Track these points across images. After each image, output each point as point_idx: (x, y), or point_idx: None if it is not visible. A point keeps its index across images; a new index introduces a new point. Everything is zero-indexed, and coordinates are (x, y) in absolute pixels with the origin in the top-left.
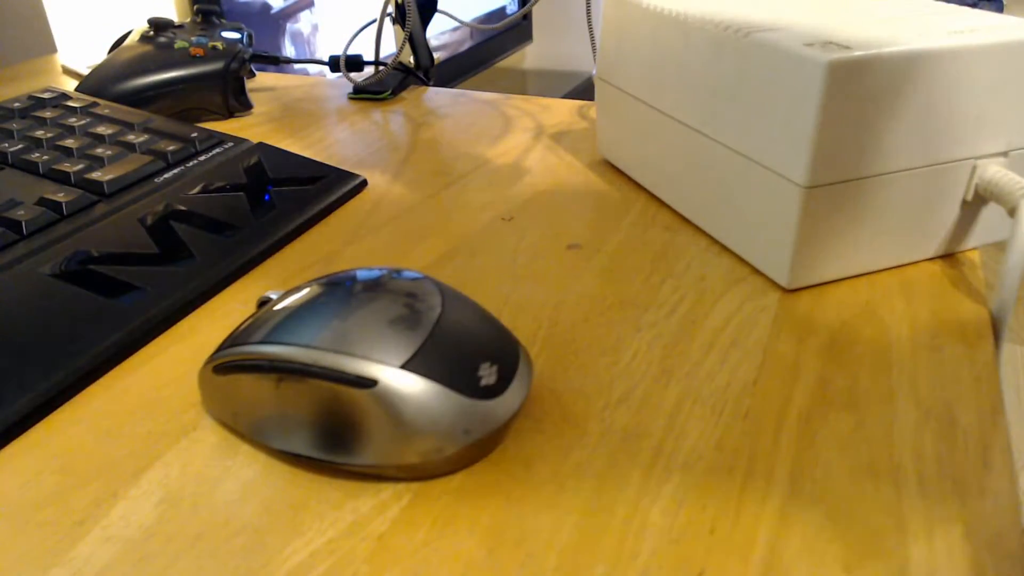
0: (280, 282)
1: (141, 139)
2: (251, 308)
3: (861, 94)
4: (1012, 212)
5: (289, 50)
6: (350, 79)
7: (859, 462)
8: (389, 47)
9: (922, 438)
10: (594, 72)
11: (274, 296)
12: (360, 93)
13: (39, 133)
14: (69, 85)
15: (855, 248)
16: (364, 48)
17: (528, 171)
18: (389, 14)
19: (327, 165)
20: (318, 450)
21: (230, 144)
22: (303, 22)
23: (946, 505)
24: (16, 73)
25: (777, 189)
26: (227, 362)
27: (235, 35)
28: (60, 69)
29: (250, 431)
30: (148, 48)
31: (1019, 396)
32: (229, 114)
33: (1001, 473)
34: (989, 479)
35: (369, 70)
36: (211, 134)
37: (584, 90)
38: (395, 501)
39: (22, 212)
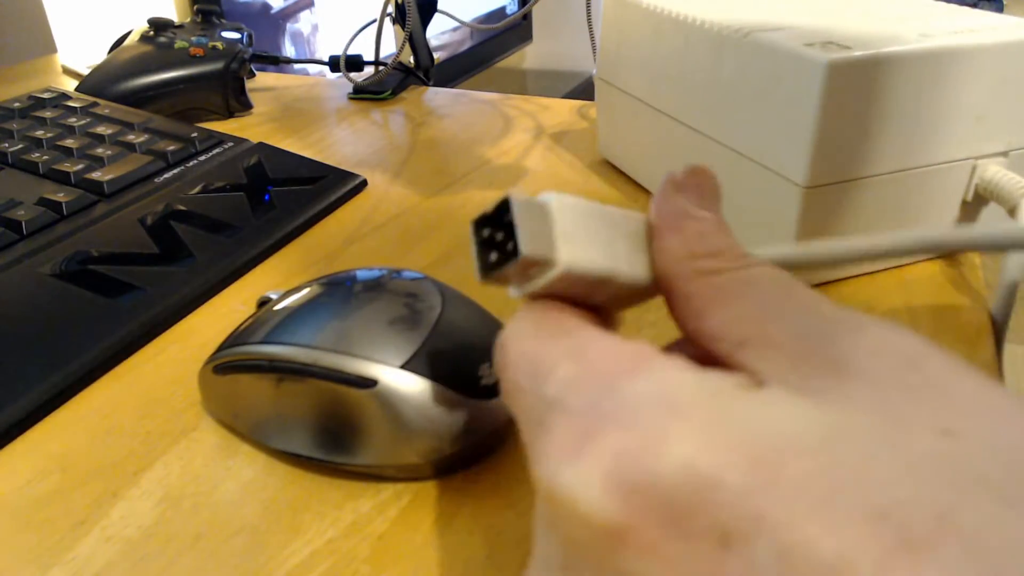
0: (280, 282)
1: (141, 139)
2: (251, 308)
3: (861, 94)
4: (1012, 212)
5: (289, 50)
6: (350, 79)
7: None
8: (389, 47)
9: None
10: (594, 72)
11: (274, 296)
12: (360, 93)
13: (39, 133)
14: (69, 85)
15: None
16: (364, 48)
17: (528, 171)
18: (389, 14)
19: (327, 165)
20: (318, 450)
21: (230, 144)
22: (303, 22)
23: None
24: (16, 73)
25: (777, 189)
26: (227, 362)
27: (235, 35)
28: (60, 69)
29: (250, 431)
30: (148, 48)
31: None
32: (229, 114)
33: None
34: None
35: (369, 70)
36: (211, 134)
37: (584, 90)
38: (395, 501)
39: (22, 212)
